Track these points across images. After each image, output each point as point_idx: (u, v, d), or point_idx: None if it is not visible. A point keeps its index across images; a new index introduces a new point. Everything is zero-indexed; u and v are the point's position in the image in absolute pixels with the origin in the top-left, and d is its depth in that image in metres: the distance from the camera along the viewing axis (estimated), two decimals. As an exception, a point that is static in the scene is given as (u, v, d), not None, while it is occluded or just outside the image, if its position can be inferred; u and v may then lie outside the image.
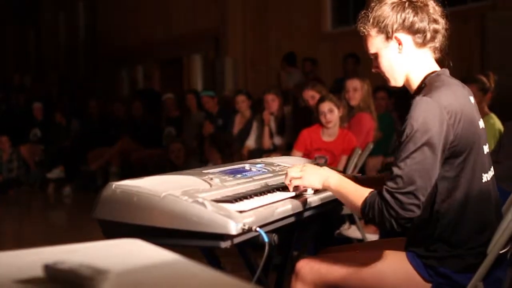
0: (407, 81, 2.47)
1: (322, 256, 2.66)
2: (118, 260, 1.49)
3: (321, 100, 5.59)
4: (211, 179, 2.50)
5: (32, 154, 10.44)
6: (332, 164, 5.43)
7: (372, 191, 2.33)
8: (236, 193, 2.44)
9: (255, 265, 2.66)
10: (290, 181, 2.50)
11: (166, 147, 9.14)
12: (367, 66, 7.99)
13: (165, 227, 2.16)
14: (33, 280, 1.34)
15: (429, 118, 2.24)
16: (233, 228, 2.08)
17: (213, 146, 7.34)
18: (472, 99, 2.44)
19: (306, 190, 2.59)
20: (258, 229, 2.12)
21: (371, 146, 5.76)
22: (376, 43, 2.45)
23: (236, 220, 2.10)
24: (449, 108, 2.27)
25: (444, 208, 2.34)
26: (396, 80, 2.47)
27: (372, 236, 5.57)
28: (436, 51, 2.46)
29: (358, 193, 2.37)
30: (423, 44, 2.42)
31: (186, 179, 2.45)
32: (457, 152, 2.31)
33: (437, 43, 2.44)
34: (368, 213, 2.29)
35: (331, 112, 5.45)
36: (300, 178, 2.48)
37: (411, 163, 2.22)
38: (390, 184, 2.24)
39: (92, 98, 10.92)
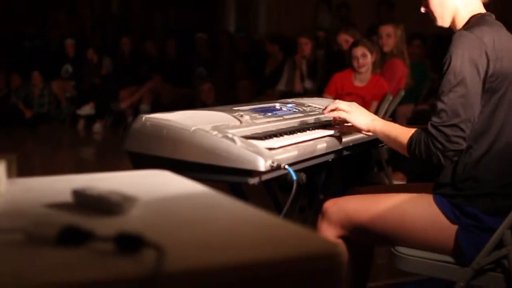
0: (453, 21, 2.48)
1: (349, 197, 2.65)
2: (146, 189, 1.49)
3: (355, 44, 5.53)
4: (241, 116, 2.49)
5: (63, 90, 10.47)
6: (362, 109, 5.39)
7: (417, 129, 2.36)
8: (266, 131, 2.43)
9: (282, 203, 2.66)
10: (336, 110, 2.51)
11: (196, 87, 9.12)
12: (402, 12, 7.90)
13: (193, 161, 2.16)
14: (62, 205, 1.34)
15: (469, 51, 2.26)
16: (262, 165, 2.08)
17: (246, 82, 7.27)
18: None
19: (342, 128, 2.59)
20: (287, 166, 2.11)
21: (402, 93, 5.71)
22: None
23: (265, 156, 2.09)
24: (489, 44, 2.28)
25: (476, 144, 2.33)
26: (444, 19, 2.47)
27: (399, 183, 5.56)
28: None
29: (403, 133, 2.40)
30: None
31: (216, 115, 2.44)
32: (494, 87, 2.31)
33: None
34: (414, 150, 2.31)
35: (364, 57, 5.39)
36: (348, 112, 2.49)
37: (453, 96, 2.26)
38: (435, 118, 2.27)
39: (125, 35, 10.86)
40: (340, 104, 2.53)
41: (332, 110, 2.53)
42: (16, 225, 1.14)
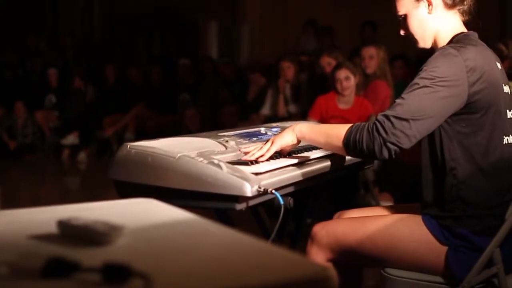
0: (434, 42, 2.46)
1: (337, 220, 2.64)
2: (132, 218, 1.47)
3: (338, 67, 5.55)
4: (227, 141, 2.48)
5: (47, 120, 10.42)
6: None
7: (357, 123, 2.31)
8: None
9: (269, 229, 2.64)
10: (265, 153, 2.39)
11: (181, 113, 9.12)
12: (384, 33, 7.92)
13: (179, 188, 2.15)
14: (47, 236, 1.32)
15: (446, 66, 2.24)
16: (249, 190, 2.07)
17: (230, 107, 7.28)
18: (499, 64, 2.41)
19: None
20: (273, 191, 2.10)
21: (387, 114, 5.71)
22: (405, 4, 2.44)
23: (251, 182, 2.09)
24: (470, 63, 2.26)
25: (461, 166, 2.31)
26: (425, 41, 2.46)
27: (386, 204, 5.55)
28: (464, 14, 2.47)
29: (339, 127, 2.36)
30: (453, 5, 2.43)
31: (201, 141, 2.43)
32: (474, 108, 2.28)
33: (466, 5, 2.45)
34: (355, 138, 2.22)
35: (347, 80, 5.42)
36: (272, 143, 2.40)
37: (414, 97, 2.21)
38: (388, 110, 2.22)
39: (109, 63, 10.86)
40: (259, 147, 2.42)
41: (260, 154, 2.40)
42: (1, 258, 1.12)
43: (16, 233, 1.36)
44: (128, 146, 2.25)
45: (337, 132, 2.31)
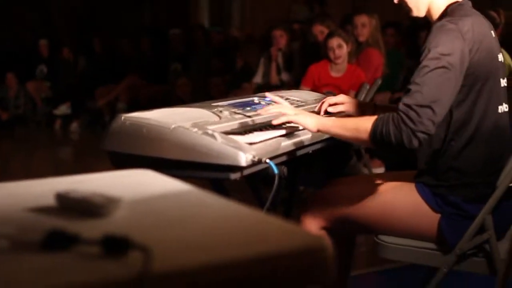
0: (428, 10, 2.45)
1: (331, 188, 2.66)
2: (129, 189, 1.48)
3: (330, 35, 5.54)
4: (221, 111, 2.49)
5: (39, 91, 10.39)
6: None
7: (380, 115, 2.27)
8: (245, 125, 2.43)
9: (264, 197, 2.67)
10: (282, 115, 2.41)
11: (172, 83, 9.10)
12: (375, 1, 7.89)
13: (174, 158, 2.16)
14: (45, 208, 1.33)
15: (449, 41, 2.24)
16: (243, 160, 2.08)
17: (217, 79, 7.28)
18: (493, 32, 2.42)
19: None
20: (268, 160, 2.11)
21: (379, 82, 5.73)
22: None
23: (246, 151, 2.10)
24: (468, 35, 2.26)
25: (457, 136, 2.33)
26: (419, 9, 2.45)
27: (378, 170, 5.59)
28: None
29: (364, 119, 2.33)
30: None
31: (195, 112, 2.44)
32: (473, 79, 2.29)
33: None
34: (381, 132, 2.20)
35: (339, 48, 5.41)
36: (295, 115, 2.40)
37: (429, 81, 2.20)
38: (407, 99, 2.20)
39: (96, 35, 10.81)
40: (284, 106, 2.46)
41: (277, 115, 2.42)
42: (0, 231, 1.13)
43: (14, 206, 1.36)
44: (123, 117, 2.26)
45: (363, 126, 2.27)
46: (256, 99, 2.90)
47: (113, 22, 13.36)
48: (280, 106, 2.45)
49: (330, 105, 2.76)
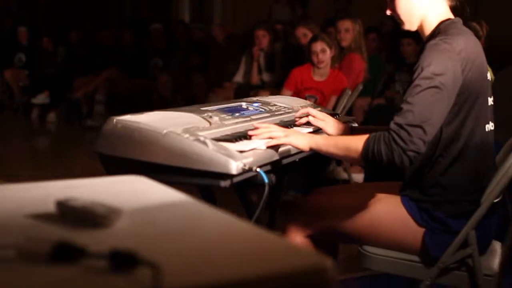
0: (420, 25, 2.47)
1: (316, 197, 2.69)
2: (126, 198, 1.49)
3: (314, 39, 5.57)
4: (210, 117, 2.50)
5: (16, 79, 10.32)
6: (321, 103, 5.44)
7: (371, 134, 2.29)
8: (235, 132, 2.44)
9: (251, 203, 2.69)
10: (272, 138, 2.38)
11: (153, 78, 9.08)
12: (357, 5, 7.96)
13: (165, 163, 2.17)
14: (46, 216, 1.34)
15: (442, 61, 2.25)
16: (234, 168, 2.10)
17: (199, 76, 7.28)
18: (482, 50, 2.45)
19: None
20: (258, 169, 2.13)
21: (360, 87, 5.78)
22: None
23: (236, 159, 2.11)
24: (461, 55, 2.28)
25: (445, 153, 2.36)
26: (411, 23, 2.47)
27: (358, 176, 5.64)
28: None
29: (355, 138, 2.34)
30: None
31: (185, 117, 2.44)
32: (464, 99, 2.32)
33: None
34: (373, 150, 2.23)
35: (323, 52, 5.44)
36: (285, 136, 2.40)
37: (421, 100, 2.22)
38: (399, 118, 2.22)
39: (76, 27, 10.76)
40: (274, 130, 2.41)
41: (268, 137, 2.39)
42: (7, 241, 1.14)
43: (14, 212, 1.37)
44: (115, 120, 2.26)
45: (354, 145, 2.29)
46: (244, 104, 2.91)
47: (95, 13, 13.32)
48: (269, 129, 2.42)
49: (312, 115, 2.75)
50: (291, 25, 7.82)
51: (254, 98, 3.21)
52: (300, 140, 2.41)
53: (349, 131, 2.74)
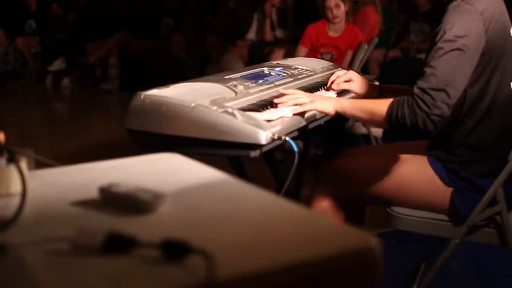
0: None
1: (344, 159, 2.71)
2: (166, 179, 1.52)
3: (328, -5, 5.53)
4: (235, 86, 2.51)
5: (28, 46, 10.30)
6: (338, 59, 5.43)
7: (395, 98, 2.31)
8: (261, 100, 2.46)
9: (279, 168, 2.72)
10: (300, 104, 2.42)
11: (165, 38, 9.05)
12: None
13: (195, 136, 2.19)
14: (90, 202, 1.37)
15: (465, 23, 2.25)
16: (263, 138, 2.12)
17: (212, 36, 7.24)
18: (504, 7, 2.43)
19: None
20: (288, 138, 2.15)
21: (376, 40, 5.74)
22: None
23: (265, 129, 2.14)
24: (484, 15, 2.27)
25: (470, 113, 2.37)
26: None
27: (377, 130, 5.63)
28: None
29: (379, 102, 2.36)
30: None
31: (211, 88, 2.46)
32: (488, 59, 2.32)
33: None
34: (397, 115, 2.25)
35: (337, 7, 5.41)
36: (310, 102, 2.42)
37: (444, 64, 2.22)
38: (422, 83, 2.23)
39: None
40: (299, 97, 2.44)
41: (295, 104, 2.42)
42: (58, 233, 1.17)
43: (58, 200, 1.40)
44: (142, 95, 2.28)
45: (379, 109, 2.31)
46: (266, 70, 2.93)
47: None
48: (294, 96, 2.44)
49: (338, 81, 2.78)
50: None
51: (275, 62, 3.22)
52: (325, 104, 2.43)
53: (377, 90, 2.76)
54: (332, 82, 2.78)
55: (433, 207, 2.48)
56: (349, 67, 5.37)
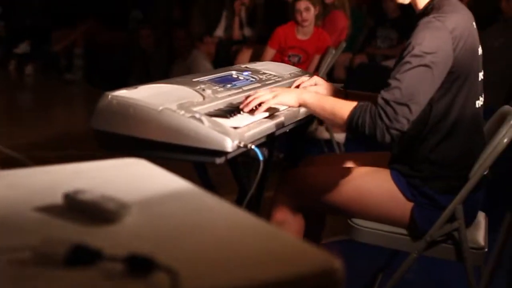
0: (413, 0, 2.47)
1: (307, 168, 2.72)
2: (132, 187, 1.51)
3: (298, -3, 5.55)
4: (203, 90, 2.51)
5: (-7, 30, 10.19)
6: (305, 62, 5.45)
7: (360, 102, 2.32)
8: (228, 106, 2.46)
9: (242, 173, 2.72)
10: (260, 103, 2.42)
11: (132, 30, 8.99)
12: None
13: (161, 140, 2.18)
14: (54, 209, 1.36)
15: (434, 40, 2.27)
16: (229, 145, 2.12)
17: (181, 31, 7.21)
18: (474, 24, 2.46)
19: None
20: (253, 147, 2.16)
21: (343, 45, 5.78)
22: None
23: (231, 137, 2.14)
24: (454, 33, 2.30)
25: (435, 130, 2.40)
26: None
27: (340, 136, 5.67)
28: None
29: (343, 104, 2.35)
30: None
31: (179, 90, 2.45)
32: (455, 76, 2.34)
33: None
34: (357, 120, 2.26)
35: (307, 11, 5.43)
36: (274, 97, 2.42)
37: (410, 78, 2.24)
38: (386, 94, 2.24)
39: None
40: (262, 95, 2.43)
41: (257, 104, 2.42)
42: (21, 241, 1.16)
43: (21, 204, 1.38)
44: (110, 96, 2.26)
45: (341, 111, 2.32)
46: (234, 73, 2.93)
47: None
48: (257, 95, 2.44)
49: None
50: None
51: (243, 66, 3.22)
52: (289, 97, 2.44)
53: (343, 95, 2.77)
54: (296, 87, 2.78)
55: (393, 220, 2.50)
56: (316, 71, 5.41)
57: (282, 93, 2.45)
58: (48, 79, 9.48)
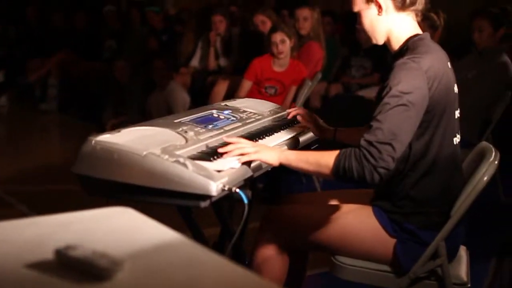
0: (388, 40, 2.54)
1: (289, 206, 2.74)
2: (121, 241, 1.52)
3: (273, 30, 5.59)
4: (186, 132, 2.53)
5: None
6: (282, 94, 5.49)
7: (342, 149, 2.35)
8: (211, 148, 2.48)
9: (227, 218, 2.74)
10: (243, 154, 2.41)
11: (107, 61, 8.99)
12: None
13: (145, 185, 2.19)
14: (45, 265, 1.36)
15: (410, 80, 2.31)
16: (214, 189, 2.14)
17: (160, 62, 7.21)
18: (449, 64, 2.51)
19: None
20: (238, 190, 2.17)
21: (319, 75, 5.85)
22: (358, 2, 2.52)
23: (216, 180, 2.15)
24: (428, 73, 2.34)
25: (414, 167, 2.44)
26: (377, 39, 2.55)
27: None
28: (418, 14, 2.53)
29: (326, 153, 2.38)
30: (403, 7, 2.48)
31: (162, 133, 2.47)
32: (431, 115, 2.39)
33: (419, 5, 2.50)
34: (344, 166, 2.29)
35: (283, 43, 5.47)
36: (255, 152, 2.43)
37: (390, 118, 2.28)
38: (369, 136, 2.28)
39: (30, 4, 10.57)
40: (244, 147, 2.44)
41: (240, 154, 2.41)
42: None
43: (10, 260, 1.38)
44: (93, 141, 2.27)
45: (325, 161, 2.35)
46: (215, 112, 2.95)
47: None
48: (240, 146, 2.44)
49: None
50: (248, 10, 7.81)
51: (223, 104, 3.24)
52: (270, 155, 2.46)
53: (333, 133, 2.88)
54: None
55: (377, 257, 2.53)
56: (293, 102, 5.45)
57: (264, 151, 2.46)
58: (22, 109, 9.44)
